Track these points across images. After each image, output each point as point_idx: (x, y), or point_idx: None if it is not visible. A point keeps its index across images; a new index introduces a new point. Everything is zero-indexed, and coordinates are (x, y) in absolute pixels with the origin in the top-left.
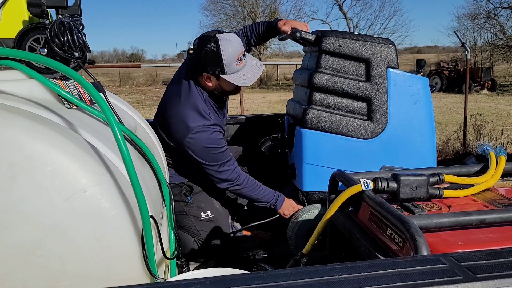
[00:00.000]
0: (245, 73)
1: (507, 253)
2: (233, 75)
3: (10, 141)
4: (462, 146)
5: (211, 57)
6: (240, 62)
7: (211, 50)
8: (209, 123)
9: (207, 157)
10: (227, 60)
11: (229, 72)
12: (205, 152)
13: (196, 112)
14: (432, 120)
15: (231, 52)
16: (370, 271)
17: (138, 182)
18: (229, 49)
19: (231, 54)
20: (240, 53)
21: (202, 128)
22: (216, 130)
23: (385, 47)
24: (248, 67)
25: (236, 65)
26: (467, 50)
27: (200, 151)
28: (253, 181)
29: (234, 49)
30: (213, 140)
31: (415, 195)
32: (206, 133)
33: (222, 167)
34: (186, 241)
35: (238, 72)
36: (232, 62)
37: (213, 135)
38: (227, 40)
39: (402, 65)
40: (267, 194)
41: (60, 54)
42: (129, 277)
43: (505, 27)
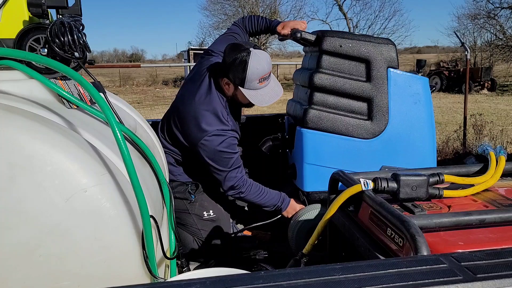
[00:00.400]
0: (263, 94)
1: (507, 253)
2: (251, 91)
3: (10, 141)
4: (462, 146)
5: (238, 66)
6: (262, 82)
7: (240, 59)
8: (227, 128)
9: (218, 160)
10: (250, 75)
11: (248, 87)
12: (217, 155)
13: (214, 116)
14: (432, 120)
15: (257, 70)
16: (370, 271)
17: (138, 182)
18: (256, 66)
19: (256, 71)
20: (265, 74)
21: (219, 132)
22: (232, 135)
23: (385, 47)
24: (268, 89)
25: (257, 83)
26: (467, 50)
27: (213, 154)
28: (257, 188)
29: (261, 68)
30: (228, 144)
31: (415, 195)
32: (222, 137)
33: (230, 173)
34: (186, 240)
35: (257, 90)
36: (254, 79)
37: (228, 140)
38: (258, 57)
39: (402, 65)
40: (272, 198)
41: (60, 54)
42: (129, 277)
43: (505, 27)
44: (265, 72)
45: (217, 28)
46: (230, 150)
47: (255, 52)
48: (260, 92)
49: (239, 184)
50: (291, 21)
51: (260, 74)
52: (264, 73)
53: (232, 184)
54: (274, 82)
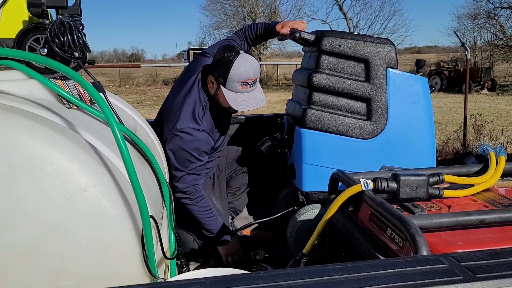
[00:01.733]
0: (242, 98)
1: (507, 253)
2: (230, 93)
3: (10, 141)
4: (462, 146)
5: (223, 64)
6: (244, 86)
7: (226, 58)
8: (199, 128)
9: (179, 158)
10: (233, 75)
11: (229, 87)
12: (181, 153)
13: (190, 113)
14: (432, 120)
15: (241, 71)
16: (370, 271)
17: (138, 182)
18: (240, 68)
19: (239, 73)
20: (248, 78)
21: (191, 130)
22: (203, 139)
23: (384, 47)
24: (249, 96)
25: (238, 85)
26: (467, 50)
27: (177, 150)
28: (206, 205)
29: (245, 71)
30: (195, 148)
31: (415, 195)
32: (192, 137)
33: (187, 176)
34: (186, 241)
35: (237, 93)
36: (236, 81)
37: (197, 143)
38: (244, 60)
39: (402, 65)
40: (217, 224)
41: (60, 54)
42: (129, 277)
43: (505, 27)
44: (248, 76)
45: (217, 28)
46: (196, 154)
47: (244, 55)
48: (240, 96)
49: (190, 191)
50: (290, 21)
51: (243, 77)
52: (247, 77)
53: (184, 187)
54: (258, 92)
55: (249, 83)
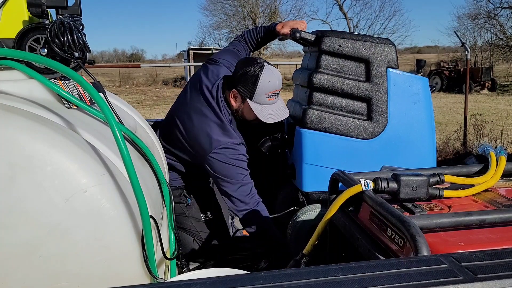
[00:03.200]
0: (270, 110)
1: (507, 253)
2: (258, 106)
3: (11, 141)
4: (462, 146)
5: (249, 78)
6: (271, 98)
7: (251, 72)
8: (237, 141)
9: (228, 173)
10: (261, 88)
11: (257, 100)
12: (227, 168)
13: (222, 128)
14: (432, 120)
15: (269, 84)
16: (370, 272)
17: (138, 182)
18: (268, 80)
19: (267, 85)
20: (275, 90)
21: (230, 145)
22: (242, 152)
23: (385, 47)
24: (275, 107)
25: (266, 97)
26: (467, 50)
27: (222, 167)
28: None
29: (272, 83)
30: (239, 157)
31: (416, 195)
32: (233, 150)
33: (241, 187)
34: (186, 241)
35: (265, 106)
36: (264, 93)
37: (239, 155)
38: (270, 72)
39: (402, 65)
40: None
41: (60, 54)
42: (129, 277)
43: (505, 27)
44: (275, 87)
45: (217, 28)
46: (243, 166)
47: (268, 67)
48: (268, 108)
49: (250, 200)
50: (290, 21)
51: (270, 88)
52: (275, 89)
53: (242, 198)
54: (281, 103)
55: (275, 94)
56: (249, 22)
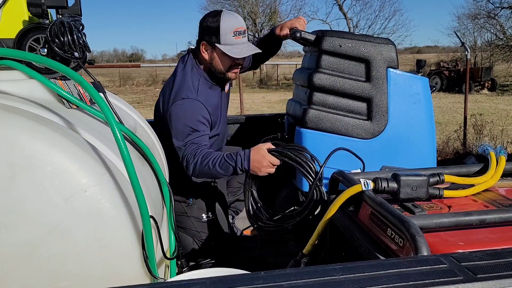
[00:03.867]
0: (240, 47)
1: (507, 253)
2: (227, 46)
3: (11, 141)
4: (462, 146)
5: (210, 24)
6: (237, 36)
7: (212, 19)
8: (193, 97)
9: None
10: (224, 28)
11: (224, 42)
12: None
13: (184, 84)
14: (432, 120)
15: (231, 22)
16: (370, 271)
17: (138, 182)
18: (229, 19)
19: (229, 24)
20: (239, 27)
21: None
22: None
23: (385, 47)
24: (245, 45)
25: (232, 37)
26: (467, 50)
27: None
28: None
29: (234, 21)
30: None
31: (415, 195)
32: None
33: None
34: (186, 241)
35: (233, 45)
36: (228, 32)
37: (190, 111)
38: (230, 13)
39: (402, 65)
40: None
41: (60, 54)
42: (129, 277)
43: (505, 27)
44: (239, 25)
45: None
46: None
47: (227, 11)
48: (237, 46)
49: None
50: (288, 21)
51: (234, 26)
52: (238, 26)
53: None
54: (250, 43)
55: (240, 32)
56: (249, 22)
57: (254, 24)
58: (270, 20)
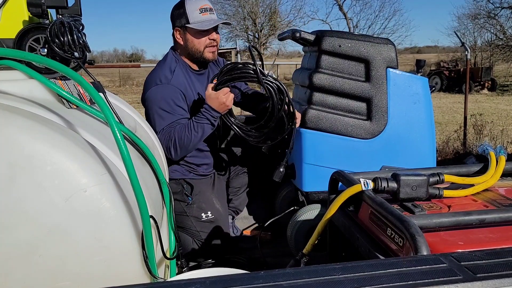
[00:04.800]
0: (207, 21)
1: (507, 253)
2: (196, 24)
3: (10, 141)
4: (462, 146)
5: (178, 10)
6: (204, 12)
7: (178, 5)
8: (164, 81)
9: (152, 115)
10: (189, 9)
11: (193, 20)
12: (152, 110)
13: (159, 71)
14: (432, 120)
15: (194, 2)
16: (370, 271)
17: (138, 182)
18: (193, 0)
19: (194, 4)
20: (203, 5)
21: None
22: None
23: (384, 47)
24: (213, 20)
25: (199, 14)
26: (467, 50)
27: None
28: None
29: (198, 1)
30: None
31: (415, 195)
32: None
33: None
34: (186, 241)
35: (202, 22)
36: (195, 10)
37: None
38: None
39: (402, 65)
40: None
41: (60, 54)
42: (129, 277)
43: (505, 27)
44: (203, 3)
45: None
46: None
47: None
48: (205, 22)
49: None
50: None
51: (198, 4)
52: (203, 4)
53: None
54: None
55: (206, 9)
56: (249, 22)
57: (254, 24)
58: (270, 20)
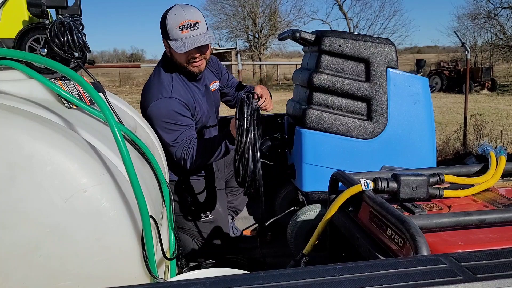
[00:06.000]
0: (186, 41)
1: (507, 253)
2: (175, 42)
3: (10, 141)
4: (462, 146)
5: (162, 22)
6: (184, 30)
7: (163, 16)
8: (167, 95)
9: (161, 125)
10: (169, 24)
11: (173, 37)
12: (160, 119)
13: (157, 86)
14: (432, 120)
15: (174, 17)
16: (370, 271)
17: (138, 182)
18: (173, 14)
19: (173, 18)
20: (185, 20)
21: (158, 102)
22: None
23: (384, 47)
24: (193, 38)
25: (179, 31)
26: (467, 50)
27: (156, 119)
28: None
29: (179, 15)
30: (169, 111)
31: (415, 195)
32: (158, 107)
33: (176, 149)
34: (186, 242)
35: (181, 40)
36: (174, 27)
37: (168, 108)
38: (178, 7)
39: (402, 65)
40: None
41: (60, 54)
42: (129, 277)
43: (505, 27)
44: (185, 19)
45: (217, 28)
46: (173, 121)
47: (179, 4)
48: (184, 41)
49: (186, 157)
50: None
51: (178, 21)
52: (184, 20)
53: (178, 157)
54: (202, 33)
55: (188, 25)
56: (249, 22)
57: (254, 24)
58: (270, 20)
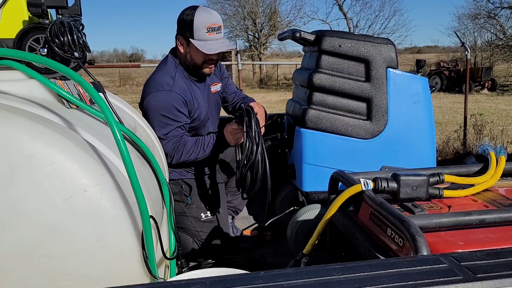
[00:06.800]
0: (212, 43)
1: (507, 253)
2: (200, 42)
3: (10, 141)
4: (462, 146)
5: (186, 20)
6: (211, 32)
7: (187, 15)
8: (167, 88)
9: (155, 122)
10: (197, 24)
11: (198, 37)
12: (154, 116)
13: (159, 76)
14: (432, 120)
15: (205, 18)
16: (370, 271)
17: (138, 182)
18: (203, 15)
19: (203, 19)
20: (213, 23)
21: (157, 93)
22: (171, 97)
23: (384, 47)
24: (218, 41)
25: (206, 33)
26: (467, 50)
27: (152, 110)
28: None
29: (208, 17)
30: (167, 104)
31: (415, 195)
32: (156, 98)
33: (167, 142)
34: (186, 241)
35: (207, 41)
36: (202, 28)
37: (166, 100)
38: (205, 9)
39: (402, 65)
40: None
41: (60, 54)
42: (129, 277)
43: (505, 27)
44: (212, 22)
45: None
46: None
47: (202, 6)
48: (210, 42)
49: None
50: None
51: (207, 23)
52: (212, 23)
53: (167, 151)
54: (226, 40)
55: (214, 28)
56: (249, 22)
57: (254, 24)
58: (270, 20)
